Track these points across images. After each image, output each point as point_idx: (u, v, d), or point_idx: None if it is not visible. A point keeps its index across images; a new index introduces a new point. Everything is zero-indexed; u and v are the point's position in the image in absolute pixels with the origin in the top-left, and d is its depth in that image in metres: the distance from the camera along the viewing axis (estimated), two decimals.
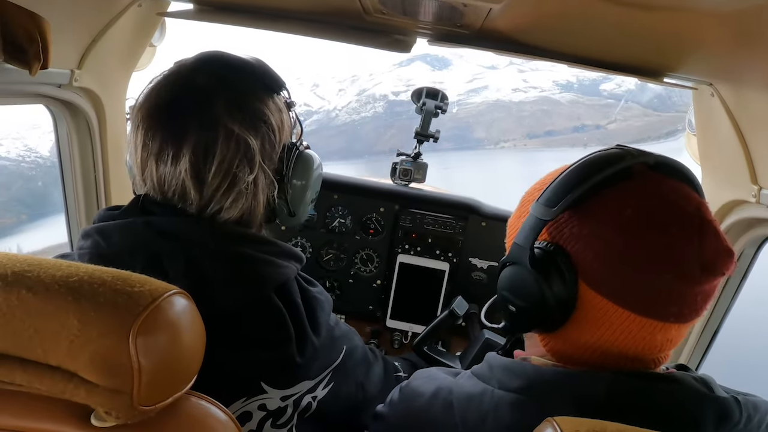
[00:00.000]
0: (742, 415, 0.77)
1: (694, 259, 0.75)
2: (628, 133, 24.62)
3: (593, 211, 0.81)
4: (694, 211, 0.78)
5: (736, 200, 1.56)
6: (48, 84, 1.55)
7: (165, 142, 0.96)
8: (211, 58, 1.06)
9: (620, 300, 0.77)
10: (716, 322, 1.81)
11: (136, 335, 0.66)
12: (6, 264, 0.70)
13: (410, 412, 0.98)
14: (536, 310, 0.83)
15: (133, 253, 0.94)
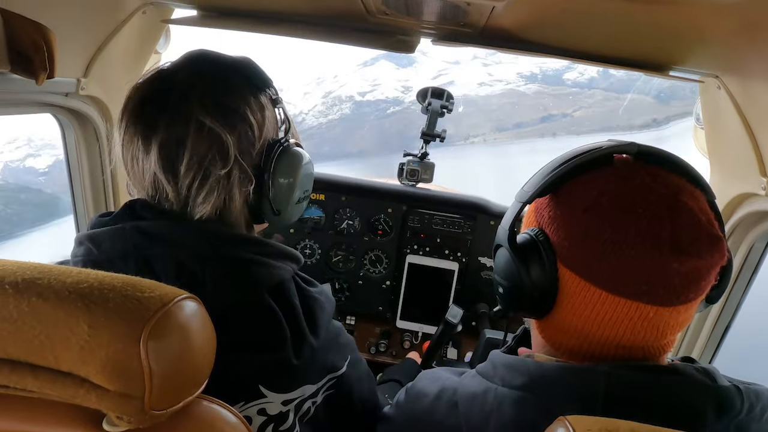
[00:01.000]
0: (743, 404, 0.77)
1: (663, 238, 0.75)
2: (593, 120, 24.65)
3: (567, 195, 0.85)
4: (668, 192, 0.79)
5: (745, 193, 1.55)
6: (55, 93, 1.57)
7: (140, 138, 0.97)
8: (196, 56, 1.05)
9: (592, 278, 0.79)
10: (728, 317, 1.80)
11: (147, 340, 0.66)
12: (16, 271, 0.70)
13: (415, 413, 0.99)
14: (519, 289, 0.86)
15: (125, 258, 0.93)
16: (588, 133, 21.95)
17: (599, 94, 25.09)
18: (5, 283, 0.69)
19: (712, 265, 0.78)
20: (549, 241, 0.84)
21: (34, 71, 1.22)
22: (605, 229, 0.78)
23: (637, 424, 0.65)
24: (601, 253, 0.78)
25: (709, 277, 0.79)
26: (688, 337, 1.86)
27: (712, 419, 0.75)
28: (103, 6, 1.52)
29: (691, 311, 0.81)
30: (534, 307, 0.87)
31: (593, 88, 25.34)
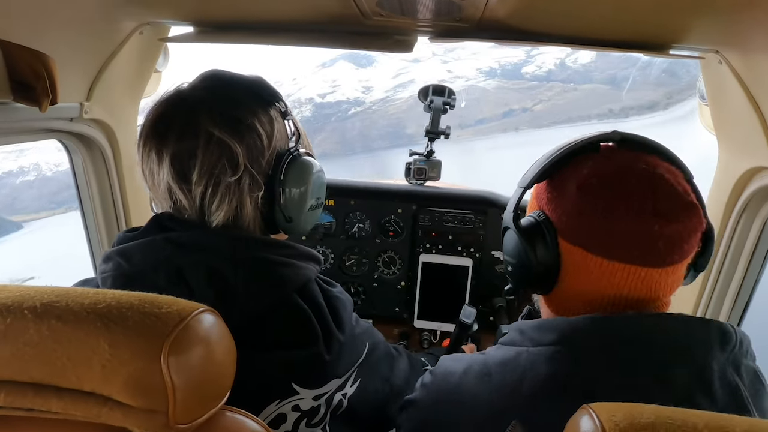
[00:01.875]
0: (737, 339, 0.88)
1: (646, 207, 0.86)
2: (554, 113, 24.66)
3: (562, 178, 0.96)
4: (647, 168, 0.90)
5: (755, 168, 1.54)
6: (59, 119, 1.58)
7: (155, 152, 1.01)
8: (208, 75, 1.10)
9: (590, 248, 0.90)
10: (747, 293, 1.78)
11: (168, 355, 0.67)
12: (34, 296, 0.71)
13: (443, 390, 1.03)
14: (526, 266, 0.97)
15: (156, 269, 0.96)
16: (549, 125, 22.07)
17: (558, 86, 25.15)
18: (24, 308, 0.69)
19: (691, 229, 0.88)
20: (549, 220, 0.95)
21: (36, 99, 1.24)
22: (597, 203, 0.89)
23: (661, 407, 0.64)
24: (595, 225, 0.89)
25: (691, 241, 0.89)
26: (709, 313, 1.85)
27: (717, 351, 0.85)
28: (100, 30, 1.54)
29: (678, 273, 0.92)
30: (540, 281, 0.98)
31: (552, 81, 25.42)
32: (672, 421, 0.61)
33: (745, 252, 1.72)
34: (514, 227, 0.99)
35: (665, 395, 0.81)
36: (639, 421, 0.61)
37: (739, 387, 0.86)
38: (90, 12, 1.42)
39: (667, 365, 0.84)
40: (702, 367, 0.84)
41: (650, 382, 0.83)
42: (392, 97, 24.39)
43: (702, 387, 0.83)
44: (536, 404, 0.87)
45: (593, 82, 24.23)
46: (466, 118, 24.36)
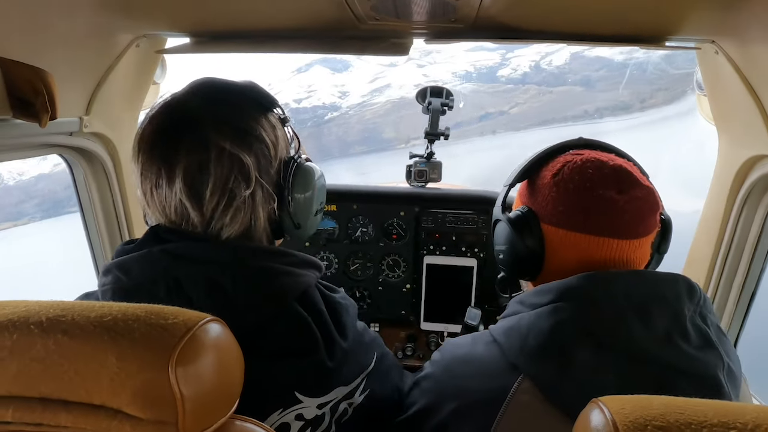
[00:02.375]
0: (701, 294, 1.01)
1: (610, 187, 1.01)
2: (529, 115, 24.79)
3: (539, 175, 1.13)
4: (608, 159, 1.06)
5: (756, 156, 1.54)
6: (59, 133, 1.59)
7: (160, 168, 0.99)
8: (202, 83, 1.09)
9: (569, 226, 1.04)
10: (753, 281, 1.78)
11: (175, 366, 0.67)
12: (39, 311, 0.71)
13: (455, 359, 1.12)
14: (514, 252, 1.12)
15: (154, 281, 0.95)
16: (526, 128, 22.18)
17: (533, 89, 25.33)
18: (30, 323, 0.70)
19: (650, 206, 1.03)
20: (532, 210, 1.11)
21: (36, 114, 1.24)
22: (569, 187, 1.05)
23: (669, 397, 0.65)
24: (569, 205, 1.04)
25: (652, 218, 1.04)
26: (717, 302, 1.84)
27: (686, 300, 0.97)
28: (97, 44, 1.54)
29: (645, 248, 1.05)
30: (529, 265, 1.11)
31: (527, 84, 25.59)
32: (681, 411, 0.61)
33: (749, 240, 1.72)
34: (504, 219, 1.15)
35: (649, 336, 0.93)
36: (648, 412, 0.61)
37: (709, 332, 0.98)
38: (86, 27, 1.43)
39: (648, 310, 0.94)
40: (676, 311, 0.96)
41: (637, 324, 0.93)
42: (369, 101, 24.46)
43: (678, 329, 0.95)
44: (544, 354, 0.96)
45: (567, 84, 24.49)
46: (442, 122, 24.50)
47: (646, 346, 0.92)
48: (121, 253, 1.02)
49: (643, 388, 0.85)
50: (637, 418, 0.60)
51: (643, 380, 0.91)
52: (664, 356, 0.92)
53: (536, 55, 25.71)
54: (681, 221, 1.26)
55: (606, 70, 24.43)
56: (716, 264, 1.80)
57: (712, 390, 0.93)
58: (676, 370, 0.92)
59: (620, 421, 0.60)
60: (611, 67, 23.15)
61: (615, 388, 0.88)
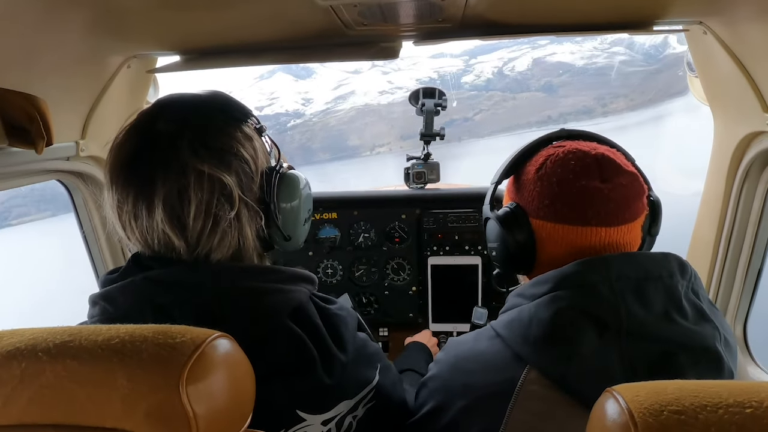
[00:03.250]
0: (692, 271, 1.03)
1: (593, 176, 1.03)
2: (493, 122, 24.92)
3: (524, 170, 1.15)
4: (590, 148, 1.07)
5: (752, 133, 1.54)
6: (56, 159, 1.59)
7: (137, 197, 0.94)
8: (169, 101, 1.04)
9: (555, 218, 1.06)
10: (759, 257, 1.77)
11: (186, 384, 0.67)
12: (47, 338, 0.71)
13: (459, 356, 1.12)
14: (506, 249, 1.13)
15: (141, 310, 0.92)
16: (491, 135, 22.18)
17: (497, 95, 25.39)
18: (38, 351, 0.69)
19: (635, 192, 1.05)
20: (519, 206, 1.12)
21: (32, 141, 1.24)
22: (552, 180, 1.06)
23: (683, 381, 0.65)
24: (553, 198, 1.05)
25: (637, 204, 1.05)
26: (724, 281, 1.84)
27: (679, 277, 0.99)
28: (88, 67, 1.55)
29: (634, 233, 1.07)
30: (521, 260, 1.13)
31: (491, 90, 25.63)
32: (696, 394, 0.61)
33: (752, 217, 1.72)
34: (493, 216, 1.17)
35: (648, 314, 0.94)
36: (663, 398, 0.61)
37: (701, 306, 1.00)
38: (77, 51, 1.43)
39: (644, 289, 0.96)
40: (671, 288, 0.98)
41: (635, 304, 0.95)
42: (333, 108, 24.34)
43: (674, 305, 0.97)
44: (548, 342, 0.97)
45: (530, 90, 24.84)
46: (407, 129, 24.55)
47: (647, 324, 0.94)
48: (105, 282, 0.99)
49: (646, 365, 0.92)
50: (653, 404, 0.60)
51: (646, 357, 0.92)
52: (664, 332, 0.94)
53: (499, 62, 25.80)
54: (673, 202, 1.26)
55: (568, 76, 24.64)
56: (720, 243, 1.79)
57: (712, 362, 0.96)
58: (677, 344, 0.93)
59: (636, 409, 0.60)
60: (573, 72, 23.24)
61: (621, 368, 0.92)
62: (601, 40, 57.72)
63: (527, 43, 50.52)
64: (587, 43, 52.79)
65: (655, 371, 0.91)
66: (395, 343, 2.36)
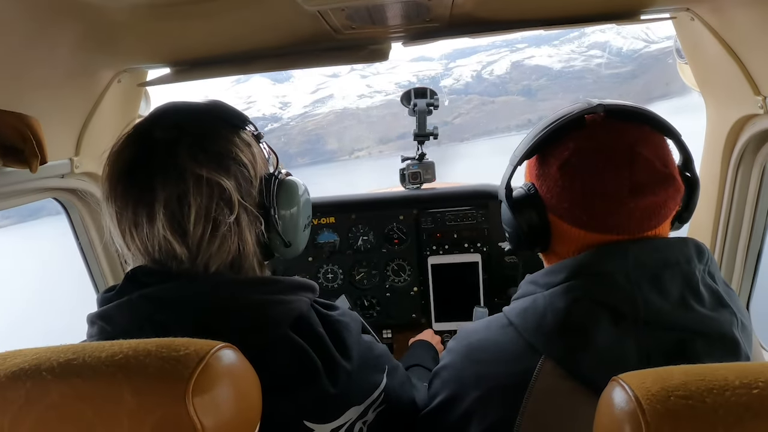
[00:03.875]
0: (709, 254, 1.00)
1: (623, 185, 0.95)
2: (473, 126, 25.01)
3: (547, 155, 1.05)
4: (626, 146, 0.96)
5: (744, 116, 1.54)
6: (51, 177, 1.59)
7: (137, 205, 0.94)
8: (166, 109, 1.03)
9: (573, 222, 1.01)
10: (758, 239, 1.78)
11: (192, 397, 0.66)
12: (50, 357, 0.71)
13: (472, 346, 1.10)
14: (520, 232, 1.09)
15: (140, 328, 0.90)
16: (470, 138, 22.12)
17: (476, 99, 25.53)
18: (42, 370, 0.69)
19: (666, 200, 0.97)
20: (538, 194, 1.06)
21: (26, 160, 1.24)
22: (575, 184, 0.99)
23: (688, 365, 0.65)
24: (575, 203, 0.99)
25: (667, 208, 0.99)
26: (724, 264, 1.84)
27: (696, 262, 0.96)
28: (79, 83, 1.55)
29: (661, 232, 1.02)
30: (535, 244, 1.10)
31: (469, 94, 25.79)
32: (702, 378, 0.61)
33: (749, 200, 1.72)
34: (507, 201, 1.11)
35: (665, 302, 0.92)
36: (669, 383, 0.61)
37: (719, 290, 0.97)
38: (67, 68, 1.43)
39: (661, 276, 0.93)
40: (688, 274, 0.95)
41: (652, 292, 0.92)
42: (311, 112, 24.33)
43: (691, 292, 0.94)
44: (563, 333, 0.95)
45: (509, 93, 25.07)
46: (386, 133, 24.61)
47: (664, 313, 0.92)
48: (102, 301, 0.97)
49: (663, 354, 0.90)
50: (659, 390, 0.60)
51: (663, 346, 0.91)
52: (681, 320, 0.92)
53: (478, 65, 25.78)
54: None
55: (546, 80, 24.79)
56: (719, 227, 1.80)
57: (729, 349, 0.94)
58: (694, 332, 0.91)
59: (643, 396, 0.60)
60: (551, 76, 23.28)
61: (636, 357, 0.90)
62: (579, 43, 57.74)
63: (506, 47, 50.54)
64: (565, 46, 52.93)
65: (671, 359, 0.87)
66: (400, 344, 2.36)
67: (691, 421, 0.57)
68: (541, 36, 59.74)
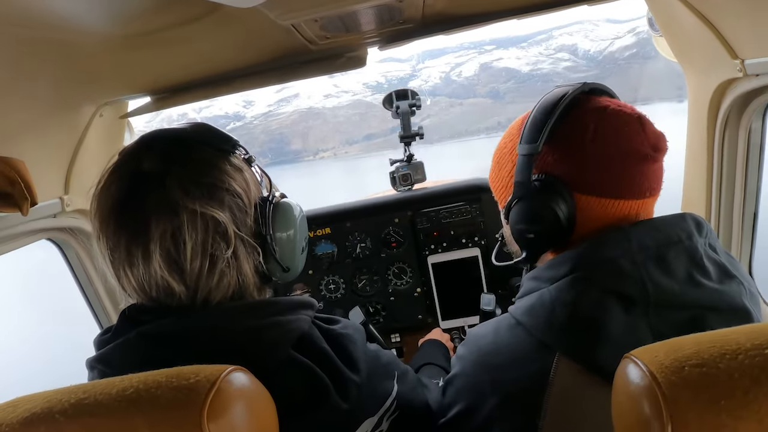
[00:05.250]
0: (709, 228, 1.00)
1: (646, 144, 0.96)
2: (442, 128, 24.94)
3: (562, 138, 1.02)
4: (631, 111, 1.00)
5: (725, 81, 1.55)
6: (43, 218, 1.58)
7: (130, 245, 0.90)
8: (152, 138, 0.99)
9: (605, 193, 0.98)
10: (752, 202, 1.79)
11: (208, 423, 0.66)
12: (61, 398, 0.70)
13: (482, 351, 1.07)
14: (551, 228, 1.01)
15: (141, 368, 0.84)
16: (440, 141, 21.95)
17: (444, 101, 25.41)
18: (54, 413, 0.69)
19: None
20: (561, 179, 1.01)
21: (16, 204, 1.23)
22: (610, 150, 0.97)
23: (698, 334, 0.65)
24: (611, 170, 0.97)
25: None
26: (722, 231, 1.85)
27: (697, 236, 0.97)
28: (61, 121, 1.54)
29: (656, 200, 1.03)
30: (559, 238, 1.03)
31: (438, 95, 25.66)
32: (713, 344, 0.61)
33: (739, 163, 1.73)
34: (536, 195, 1.02)
35: (672, 281, 0.92)
36: (682, 354, 0.61)
37: (723, 262, 0.98)
38: (47, 106, 1.43)
39: (665, 256, 0.93)
40: (691, 250, 0.95)
41: (658, 272, 0.92)
42: (275, 111, 24.05)
43: (697, 267, 0.94)
44: (574, 326, 0.94)
45: (477, 96, 24.95)
46: (353, 133, 24.39)
47: (673, 293, 0.91)
48: (99, 344, 0.94)
49: (676, 333, 0.84)
50: (672, 362, 0.60)
51: (676, 326, 0.90)
52: (691, 298, 0.91)
53: (446, 66, 25.68)
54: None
55: (514, 82, 24.76)
56: (713, 194, 1.81)
57: (742, 320, 0.93)
58: (705, 308, 0.91)
59: (657, 370, 0.60)
60: (519, 78, 23.24)
61: (651, 340, 0.86)
62: (546, 45, 57.96)
63: (474, 48, 50.51)
64: (533, 48, 53.06)
65: None
66: (409, 347, 2.35)
67: (708, 388, 0.57)
68: (508, 38, 59.09)
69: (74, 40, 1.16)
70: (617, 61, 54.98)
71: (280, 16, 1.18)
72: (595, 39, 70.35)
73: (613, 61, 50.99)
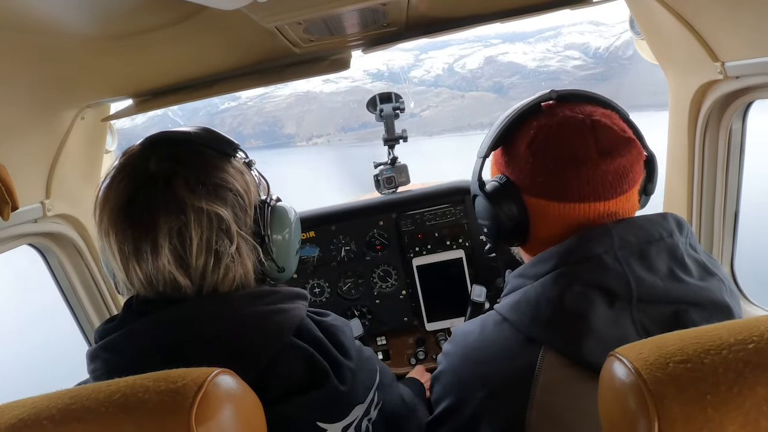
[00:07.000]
0: (689, 228, 1.03)
1: (590, 149, 0.99)
2: (442, 120, 24.95)
3: (514, 142, 1.09)
4: (585, 116, 1.02)
5: (705, 83, 1.58)
6: (24, 223, 1.56)
7: (139, 241, 0.94)
8: (158, 139, 1.04)
9: (549, 196, 1.03)
10: (733, 200, 1.82)
11: (196, 426, 0.66)
12: (48, 404, 0.70)
13: (468, 348, 1.10)
14: (499, 225, 1.10)
15: (149, 355, 0.91)
16: (440, 133, 21.94)
17: (446, 92, 25.34)
18: (42, 419, 0.68)
19: (632, 161, 1.01)
20: (510, 181, 1.08)
21: None
22: (546, 156, 1.02)
23: (682, 331, 0.66)
24: (548, 175, 1.02)
25: (634, 170, 1.02)
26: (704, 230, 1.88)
27: (678, 235, 1.00)
28: (42, 125, 1.52)
29: (632, 200, 1.05)
30: (514, 235, 1.11)
31: (440, 86, 25.57)
32: (697, 340, 0.62)
33: (719, 163, 1.76)
34: (482, 193, 1.13)
35: (655, 277, 0.94)
36: (666, 350, 0.62)
37: (703, 260, 1.01)
38: (28, 110, 1.41)
39: (647, 253, 0.96)
40: (672, 248, 0.98)
41: (641, 269, 0.94)
42: (271, 93, 23.74)
43: (678, 264, 0.97)
44: (559, 321, 0.96)
45: (480, 89, 24.90)
46: (349, 121, 24.19)
47: (656, 287, 0.93)
48: (103, 333, 0.97)
49: (661, 329, 0.91)
50: (657, 358, 0.61)
51: (659, 321, 0.93)
52: (674, 293, 0.93)
53: (449, 58, 25.60)
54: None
55: (518, 77, 24.74)
56: (694, 194, 1.84)
57: (723, 315, 0.96)
58: (687, 303, 0.94)
59: (642, 367, 0.60)
60: (524, 74, 23.26)
61: (635, 335, 0.92)
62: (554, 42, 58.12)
63: (479, 41, 50.66)
64: (540, 45, 53.06)
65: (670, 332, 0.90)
66: (395, 350, 2.36)
67: (693, 384, 0.58)
68: (515, 33, 58.64)
69: (55, 42, 1.15)
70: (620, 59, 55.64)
71: (263, 18, 1.18)
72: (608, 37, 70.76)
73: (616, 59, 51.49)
